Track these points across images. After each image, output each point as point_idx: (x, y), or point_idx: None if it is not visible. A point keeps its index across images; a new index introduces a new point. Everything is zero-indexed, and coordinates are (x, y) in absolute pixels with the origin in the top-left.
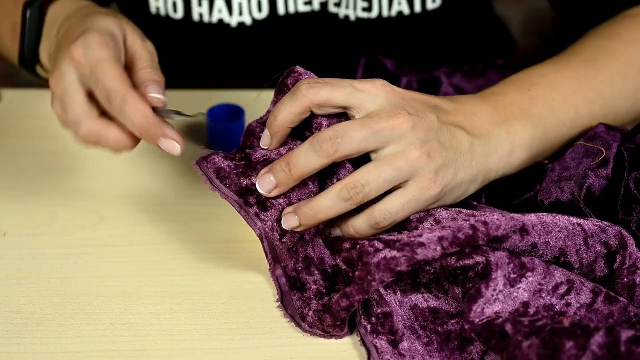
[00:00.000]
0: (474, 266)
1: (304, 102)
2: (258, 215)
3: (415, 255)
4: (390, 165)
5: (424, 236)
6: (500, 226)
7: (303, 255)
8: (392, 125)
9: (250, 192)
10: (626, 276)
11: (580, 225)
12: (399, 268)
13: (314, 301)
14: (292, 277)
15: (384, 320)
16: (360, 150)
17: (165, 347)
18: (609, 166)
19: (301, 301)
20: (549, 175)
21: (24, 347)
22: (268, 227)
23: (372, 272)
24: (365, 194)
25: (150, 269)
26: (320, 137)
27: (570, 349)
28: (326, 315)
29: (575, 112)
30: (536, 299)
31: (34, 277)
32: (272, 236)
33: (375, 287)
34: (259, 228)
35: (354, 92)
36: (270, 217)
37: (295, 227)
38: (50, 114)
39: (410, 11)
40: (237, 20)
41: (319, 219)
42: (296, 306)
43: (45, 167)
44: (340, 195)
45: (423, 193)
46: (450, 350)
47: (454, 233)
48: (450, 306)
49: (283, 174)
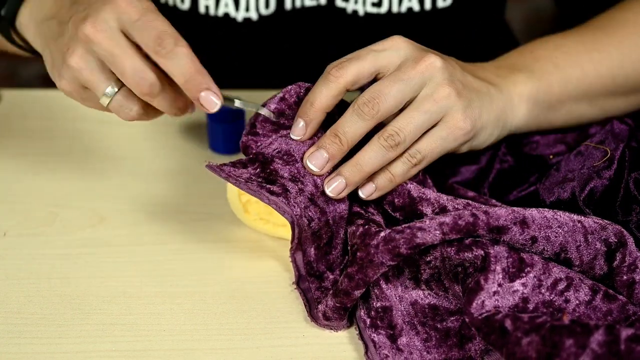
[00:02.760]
0: (473, 261)
1: (339, 83)
2: (288, 202)
3: (415, 237)
4: (418, 110)
5: (424, 221)
6: (500, 216)
7: (325, 243)
8: (421, 70)
9: (273, 182)
10: (625, 274)
11: (581, 221)
12: (398, 249)
13: (331, 291)
14: (309, 262)
15: (383, 314)
16: (399, 103)
17: (165, 347)
18: (612, 167)
19: (319, 291)
20: (553, 174)
21: (24, 347)
22: (297, 214)
23: (371, 253)
24: (400, 139)
25: (150, 269)
26: (359, 102)
27: (569, 346)
28: (330, 297)
29: (580, 71)
30: (535, 294)
31: (34, 277)
32: (301, 222)
33: (374, 268)
34: (291, 215)
35: (377, 55)
36: (300, 203)
37: (342, 190)
38: (50, 114)
39: (420, 8)
40: (243, 16)
41: (364, 171)
42: (315, 295)
43: (45, 167)
44: (379, 145)
45: (453, 130)
46: (448, 347)
47: (454, 219)
48: (450, 303)
49: (334, 145)
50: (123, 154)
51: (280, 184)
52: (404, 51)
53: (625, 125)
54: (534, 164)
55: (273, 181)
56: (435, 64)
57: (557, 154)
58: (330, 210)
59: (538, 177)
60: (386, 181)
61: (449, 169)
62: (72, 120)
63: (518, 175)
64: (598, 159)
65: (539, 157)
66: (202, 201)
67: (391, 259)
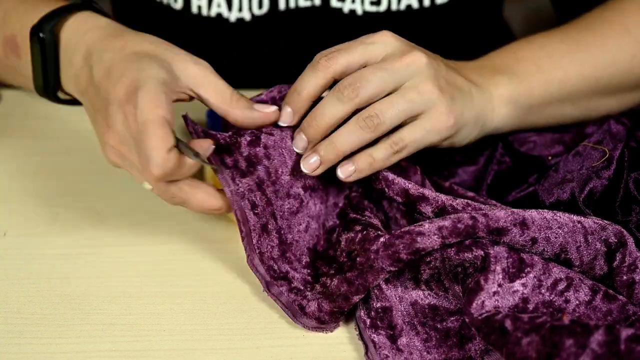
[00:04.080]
0: (473, 261)
1: (327, 72)
2: (233, 178)
3: (415, 242)
4: (403, 97)
5: (424, 226)
6: (500, 218)
7: (277, 241)
8: (407, 62)
9: (229, 151)
10: (625, 274)
11: (581, 222)
12: (398, 255)
13: (307, 292)
14: (270, 266)
15: (383, 314)
16: (380, 91)
17: (165, 347)
18: (611, 167)
19: (293, 293)
20: (552, 175)
21: (24, 347)
22: (239, 192)
23: (370, 258)
24: (379, 121)
25: (150, 269)
26: (340, 85)
27: (569, 346)
28: (324, 301)
29: (563, 73)
30: (535, 294)
31: (34, 277)
32: (242, 204)
33: (375, 274)
34: (230, 190)
35: (366, 47)
36: (244, 184)
37: (315, 168)
38: (50, 114)
39: (419, 5)
40: (236, 16)
41: (339, 150)
42: (289, 299)
43: (45, 167)
44: (357, 125)
45: (437, 124)
46: (448, 347)
47: (453, 223)
48: (450, 303)
49: (311, 128)
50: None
51: (234, 158)
52: (392, 45)
53: (621, 125)
54: (533, 165)
55: (230, 153)
56: (421, 59)
57: (555, 155)
58: (278, 205)
59: (537, 177)
60: (366, 164)
61: (447, 171)
62: (72, 120)
63: (516, 176)
64: (597, 160)
65: (537, 157)
66: None
67: (391, 265)
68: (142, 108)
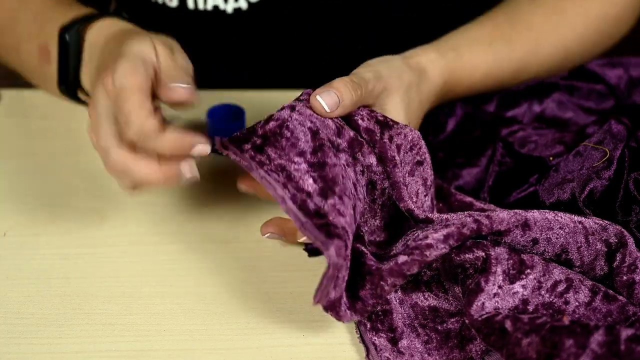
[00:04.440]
0: (474, 262)
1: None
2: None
3: (425, 257)
4: None
5: (429, 237)
6: (503, 220)
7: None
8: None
9: (246, 140)
10: (625, 274)
11: (581, 222)
12: (409, 272)
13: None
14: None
15: (384, 317)
16: None
17: (165, 347)
18: (611, 168)
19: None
20: (553, 175)
21: (24, 347)
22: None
23: (384, 277)
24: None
25: (150, 269)
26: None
27: (569, 347)
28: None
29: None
30: (535, 296)
31: (34, 277)
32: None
33: (387, 292)
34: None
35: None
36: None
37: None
38: (50, 114)
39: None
40: (233, 7)
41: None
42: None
43: (45, 167)
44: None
45: None
46: (449, 349)
47: (458, 229)
48: (450, 305)
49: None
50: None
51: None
52: None
53: (622, 125)
54: (534, 165)
55: (247, 140)
56: None
57: (556, 155)
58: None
59: (537, 178)
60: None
61: (451, 172)
62: (72, 120)
63: (518, 176)
64: (597, 160)
65: (538, 158)
66: (202, 201)
67: (403, 280)
68: (117, 74)
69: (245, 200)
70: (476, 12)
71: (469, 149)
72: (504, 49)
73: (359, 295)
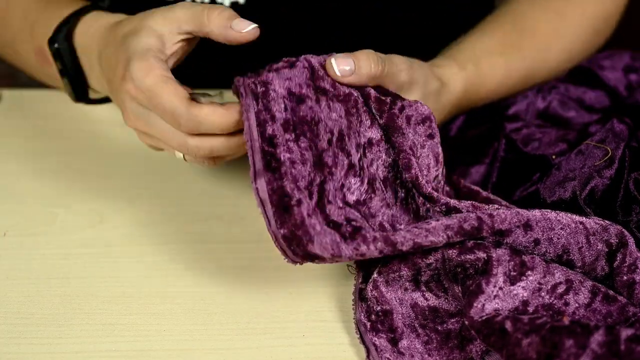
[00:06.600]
0: (474, 262)
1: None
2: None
3: (422, 239)
4: None
5: (430, 223)
6: (505, 219)
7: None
8: None
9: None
10: (626, 274)
11: (582, 223)
12: (400, 247)
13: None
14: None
15: (384, 318)
16: None
17: (165, 347)
18: (613, 166)
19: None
20: (554, 173)
21: (24, 347)
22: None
23: (377, 239)
24: None
25: (150, 269)
26: None
27: (569, 347)
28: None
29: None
30: (535, 297)
31: (34, 277)
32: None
33: (371, 251)
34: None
35: None
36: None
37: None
38: (50, 114)
39: None
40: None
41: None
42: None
43: (45, 167)
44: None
45: None
46: (449, 349)
47: (459, 223)
48: (450, 305)
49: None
50: (123, 154)
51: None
52: None
53: (624, 125)
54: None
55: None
56: None
57: (559, 153)
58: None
59: (540, 176)
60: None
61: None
62: (72, 120)
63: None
64: (599, 158)
65: (541, 156)
66: (202, 201)
67: (391, 251)
68: (138, 78)
69: (245, 200)
70: (474, 13)
71: (476, 146)
72: (515, 58)
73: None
